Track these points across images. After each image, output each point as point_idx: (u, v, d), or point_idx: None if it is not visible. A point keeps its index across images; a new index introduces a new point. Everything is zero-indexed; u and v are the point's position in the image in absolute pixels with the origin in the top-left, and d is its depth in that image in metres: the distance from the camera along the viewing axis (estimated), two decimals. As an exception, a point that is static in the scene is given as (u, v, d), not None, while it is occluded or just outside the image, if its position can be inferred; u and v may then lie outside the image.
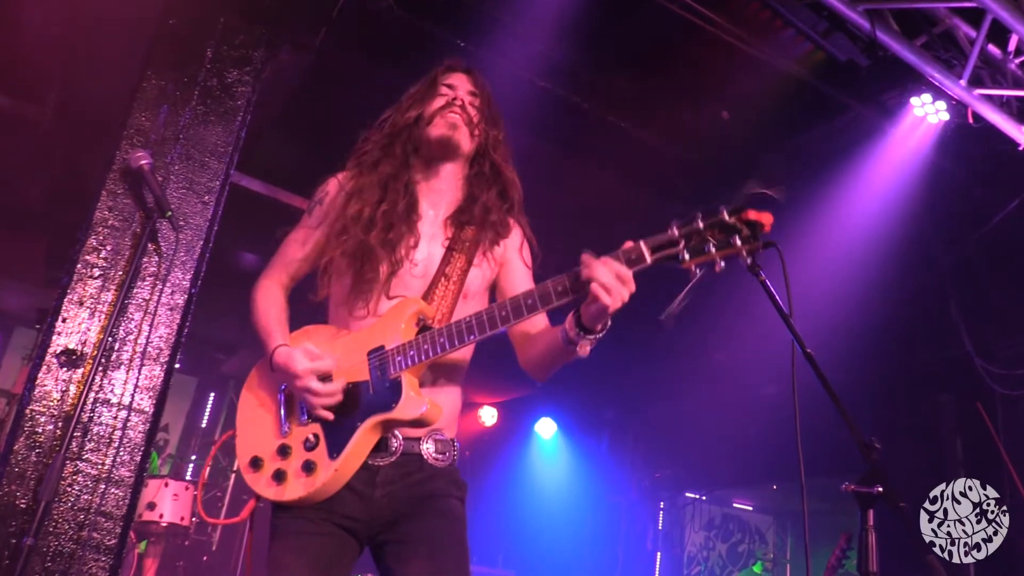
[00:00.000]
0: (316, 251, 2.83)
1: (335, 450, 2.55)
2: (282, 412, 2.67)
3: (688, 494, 11.82)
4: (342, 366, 2.62)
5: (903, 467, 6.96)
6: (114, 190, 4.33)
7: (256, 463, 2.64)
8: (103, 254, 4.23)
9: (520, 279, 2.88)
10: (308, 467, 2.56)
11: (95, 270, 4.20)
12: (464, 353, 2.74)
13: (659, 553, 11.14)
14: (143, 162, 4.24)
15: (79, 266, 4.18)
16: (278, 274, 2.86)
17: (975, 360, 7.13)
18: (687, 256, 2.33)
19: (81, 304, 4.14)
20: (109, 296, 4.18)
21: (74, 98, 6.19)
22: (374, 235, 2.70)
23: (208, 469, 7.75)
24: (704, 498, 11.85)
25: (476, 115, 2.90)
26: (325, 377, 2.59)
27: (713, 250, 2.34)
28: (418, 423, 2.56)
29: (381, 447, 2.61)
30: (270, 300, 2.80)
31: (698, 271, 2.39)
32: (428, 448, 2.66)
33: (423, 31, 5.28)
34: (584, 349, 2.52)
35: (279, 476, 2.59)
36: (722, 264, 2.35)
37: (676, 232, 2.33)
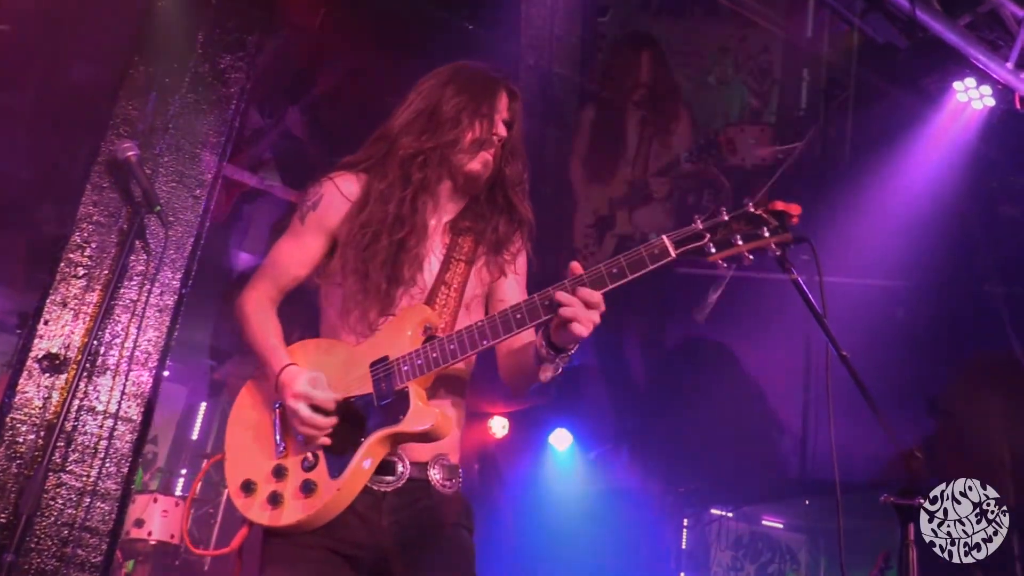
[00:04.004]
0: (310, 261, 2.81)
1: (337, 469, 2.54)
2: (277, 431, 2.65)
3: (714, 511, 11.79)
4: (342, 380, 2.62)
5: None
6: (99, 183, 4.35)
7: (248, 487, 2.62)
8: (88, 252, 4.25)
9: (515, 289, 2.90)
10: (307, 488, 2.54)
11: (79, 269, 4.21)
12: (467, 367, 2.76)
13: (683, 574, 11.10)
14: (130, 153, 4.24)
15: (62, 265, 4.19)
16: (268, 287, 2.84)
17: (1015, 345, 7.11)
18: (714, 249, 2.36)
19: (64, 305, 4.15)
20: (94, 297, 4.19)
21: (57, 86, 6.22)
22: (384, 253, 2.70)
23: (199, 485, 7.76)
24: (731, 515, 11.82)
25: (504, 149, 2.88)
26: (317, 409, 2.58)
27: (740, 242, 2.37)
28: (427, 436, 2.56)
29: (386, 470, 2.61)
30: (265, 317, 2.79)
31: (726, 265, 2.42)
32: (435, 475, 2.67)
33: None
34: (545, 374, 2.55)
35: (275, 499, 2.57)
36: (751, 257, 2.38)
37: (700, 225, 2.37)
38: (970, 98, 5.52)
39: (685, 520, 11.39)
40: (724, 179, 6.06)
